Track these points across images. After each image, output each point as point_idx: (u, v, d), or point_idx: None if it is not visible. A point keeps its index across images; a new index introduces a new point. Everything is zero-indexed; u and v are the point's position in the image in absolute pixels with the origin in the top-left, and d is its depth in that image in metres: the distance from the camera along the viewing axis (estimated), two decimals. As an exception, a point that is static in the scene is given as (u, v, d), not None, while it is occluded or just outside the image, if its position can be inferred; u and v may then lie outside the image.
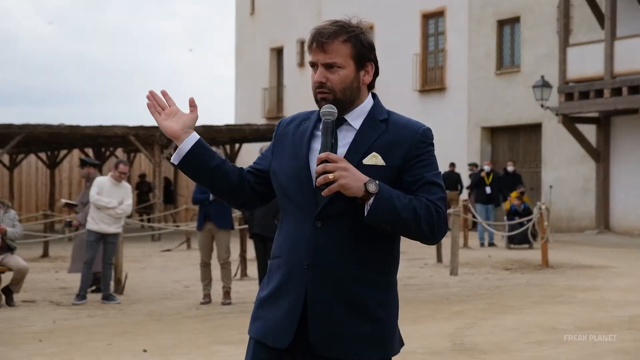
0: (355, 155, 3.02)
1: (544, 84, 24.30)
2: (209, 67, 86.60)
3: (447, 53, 28.98)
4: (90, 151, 31.28)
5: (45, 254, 18.66)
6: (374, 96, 3.18)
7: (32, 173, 35.20)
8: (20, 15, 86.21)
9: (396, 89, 30.29)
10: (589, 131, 24.33)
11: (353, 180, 2.90)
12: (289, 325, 3.01)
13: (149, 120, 27.84)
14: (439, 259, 16.44)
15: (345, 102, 3.07)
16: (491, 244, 20.46)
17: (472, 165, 24.61)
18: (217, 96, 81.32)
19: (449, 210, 16.06)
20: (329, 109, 3.03)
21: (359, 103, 3.11)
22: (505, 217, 20.36)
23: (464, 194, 24.78)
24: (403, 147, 3.04)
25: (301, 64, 34.29)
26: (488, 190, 21.37)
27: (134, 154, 32.14)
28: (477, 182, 21.85)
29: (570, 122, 23.76)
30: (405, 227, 2.95)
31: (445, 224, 3.04)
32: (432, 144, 3.10)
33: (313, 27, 3.10)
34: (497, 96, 27.22)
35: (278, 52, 36.02)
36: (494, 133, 27.93)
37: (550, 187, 24.87)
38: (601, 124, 24.13)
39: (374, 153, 3.00)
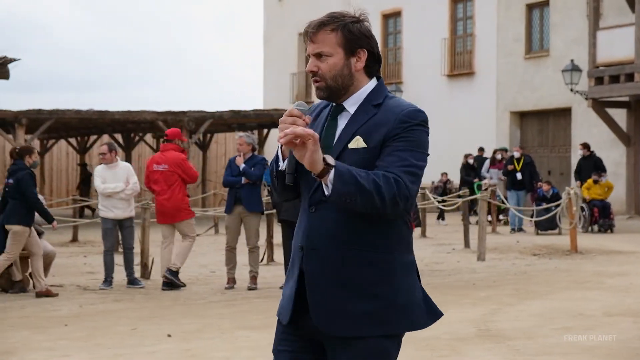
0: (343, 140, 3.14)
1: (574, 68, 24.07)
2: (237, 53, 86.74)
3: (475, 37, 28.77)
4: (119, 137, 31.39)
5: (74, 239, 18.80)
6: (379, 80, 3.26)
7: (63, 158, 35.43)
8: (52, 1, 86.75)
9: (424, 74, 30.16)
10: (620, 115, 24.08)
11: (316, 153, 2.95)
12: (291, 303, 3.22)
13: (177, 106, 27.87)
14: (467, 244, 16.34)
15: (338, 88, 3.18)
16: (520, 229, 20.33)
17: (502, 150, 24.45)
18: (246, 81, 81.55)
19: (476, 195, 15.95)
20: (300, 107, 3.09)
21: (355, 89, 3.21)
22: (533, 204, 20.24)
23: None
24: (385, 128, 3.10)
25: (329, 48, 34.22)
26: (519, 176, 21.25)
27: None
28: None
29: (600, 106, 23.52)
30: (368, 199, 2.97)
31: (413, 197, 3.05)
32: (420, 125, 3.12)
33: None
34: (526, 80, 27.00)
35: (306, 37, 35.96)
36: (523, 117, 27.73)
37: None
38: (632, 108, 23.87)
39: (357, 137, 3.11)
